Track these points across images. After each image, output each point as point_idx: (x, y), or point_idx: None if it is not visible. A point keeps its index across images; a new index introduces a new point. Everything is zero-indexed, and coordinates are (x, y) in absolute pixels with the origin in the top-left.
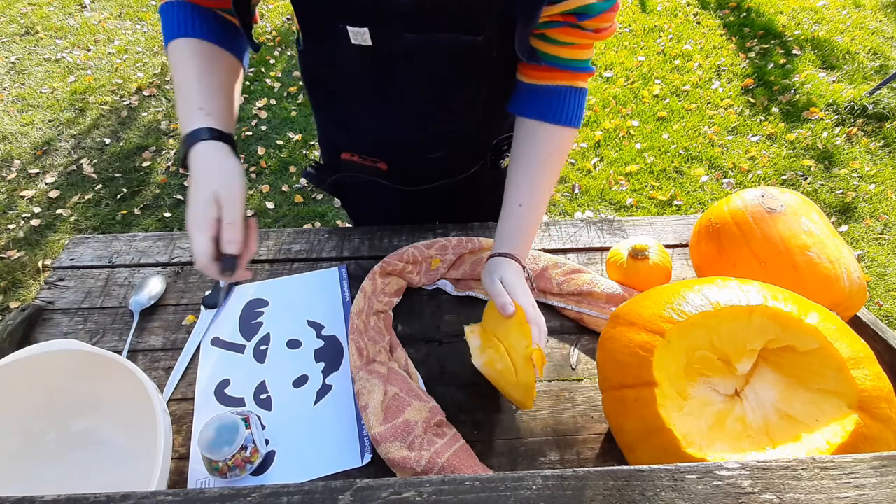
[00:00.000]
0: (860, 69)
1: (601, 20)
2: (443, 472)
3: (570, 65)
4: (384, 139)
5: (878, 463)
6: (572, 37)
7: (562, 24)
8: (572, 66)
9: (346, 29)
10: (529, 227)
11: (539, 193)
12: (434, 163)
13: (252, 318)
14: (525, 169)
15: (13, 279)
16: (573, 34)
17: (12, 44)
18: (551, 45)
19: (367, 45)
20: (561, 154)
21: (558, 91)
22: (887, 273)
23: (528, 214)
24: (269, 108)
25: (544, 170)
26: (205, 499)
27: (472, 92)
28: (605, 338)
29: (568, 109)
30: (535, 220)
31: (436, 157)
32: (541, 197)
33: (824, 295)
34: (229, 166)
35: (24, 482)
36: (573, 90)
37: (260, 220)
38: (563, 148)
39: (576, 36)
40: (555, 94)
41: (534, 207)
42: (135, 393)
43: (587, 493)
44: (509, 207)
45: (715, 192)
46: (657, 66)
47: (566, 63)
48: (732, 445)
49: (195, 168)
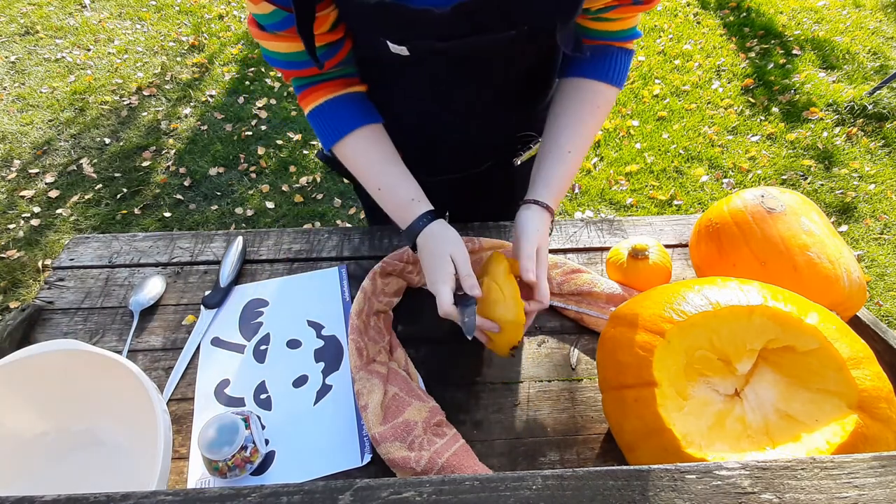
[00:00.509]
0: (860, 69)
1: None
2: (443, 471)
3: (618, 35)
4: (408, 128)
5: (877, 463)
6: (621, 13)
7: (615, 7)
8: (621, 36)
9: (385, 41)
10: (571, 175)
11: (585, 145)
12: (453, 154)
13: (252, 318)
14: (574, 120)
15: (13, 279)
16: (623, 11)
17: (12, 44)
18: (600, 23)
19: (405, 54)
20: (605, 109)
21: (606, 51)
22: (887, 273)
23: (573, 162)
24: (269, 107)
25: (592, 120)
26: (205, 499)
27: (504, 87)
28: (605, 338)
29: (616, 69)
30: (576, 169)
31: (457, 149)
32: (585, 148)
33: (824, 295)
34: (454, 235)
35: (24, 482)
36: (621, 51)
37: (260, 221)
38: (607, 104)
39: (623, 12)
40: (602, 54)
41: (578, 157)
42: (135, 393)
43: (587, 493)
44: (557, 153)
45: (715, 192)
46: (657, 66)
47: (615, 35)
48: (732, 445)
49: (429, 241)
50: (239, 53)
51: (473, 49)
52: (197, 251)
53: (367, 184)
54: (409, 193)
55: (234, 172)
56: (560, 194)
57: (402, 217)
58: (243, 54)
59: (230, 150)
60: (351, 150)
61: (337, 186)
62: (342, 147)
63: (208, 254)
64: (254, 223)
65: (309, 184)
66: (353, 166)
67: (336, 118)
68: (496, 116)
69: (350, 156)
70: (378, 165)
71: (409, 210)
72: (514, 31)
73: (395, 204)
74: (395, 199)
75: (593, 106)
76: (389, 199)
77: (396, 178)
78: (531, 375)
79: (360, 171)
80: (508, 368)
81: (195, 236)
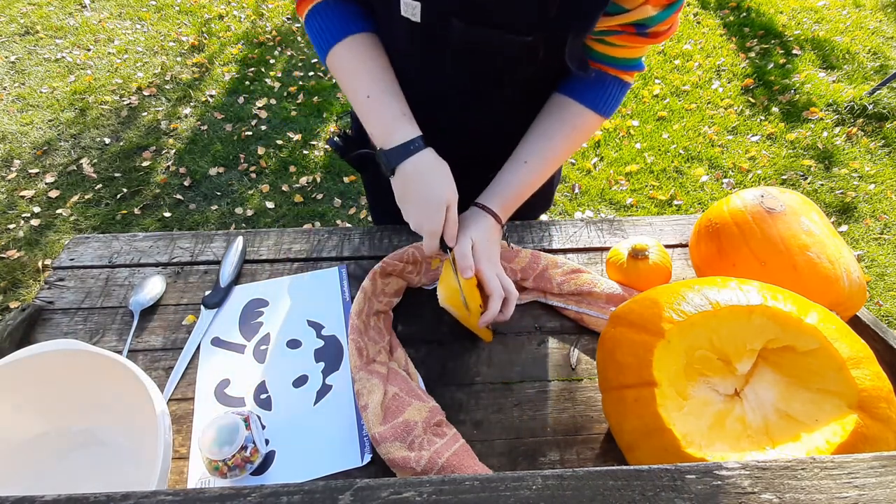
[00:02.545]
0: (860, 69)
1: (662, 25)
2: (443, 471)
3: (620, 63)
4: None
5: (878, 463)
6: (628, 42)
7: (619, 33)
8: (623, 64)
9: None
10: (525, 187)
11: (547, 161)
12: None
13: (252, 318)
14: (542, 135)
15: (13, 279)
16: (629, 39)
17: (12, 44)
18: (604, 46)
19: (416, 20)
20: (582, 136)
21: (603, 79)
22: (887, 273)
23: (528, 174)
24: (269, 107)
25: (561, 143)
26: (205, 499)
27: (507, 95)
28: (605, 338)
29: (606, 98)
30: (533, 182)
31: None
32: (547, 164)
33: (824, 295)
34: (447, 171)
35: (24, 482)
36: (618, 81)
37: (260, 221)
38: (586, 131)
39: (632, 41)
40: (598, 82)
41: (536, 170)
42: (135, 393)
43: (587, 494)
44: (513, 162)
45: (715, 192)
46: (657, 66)
47: (617, 62)
48: (732, 445)
49: (423, 176)
50: (239, 53)
51: (483, 44)
52: (197, 251)
53: (357, 91)
54: (401, 108)
55: (234, 172)
56: (511, 201)
57: (387, 132)
58: (243, 54)
59: (230, 150)
60: (346, 55)
61: (337, 186)
62: (336, 54)
63: (208, 254)
64: (254, 223)
65: (309, 184)
66: (345, 74)
67: (331, 23)
68: (488, 122)
69: (343, 63)
70: (371, 72)
71: (397, 126)
72: (530, 38)
73: (381, 115)
74: (383, 110)
75: (569, 127)
76: (376, 109)
77: (388, 86)
78: (531, 375)
79: (351, 77)
80: (508, 368)
81: (195, 236)
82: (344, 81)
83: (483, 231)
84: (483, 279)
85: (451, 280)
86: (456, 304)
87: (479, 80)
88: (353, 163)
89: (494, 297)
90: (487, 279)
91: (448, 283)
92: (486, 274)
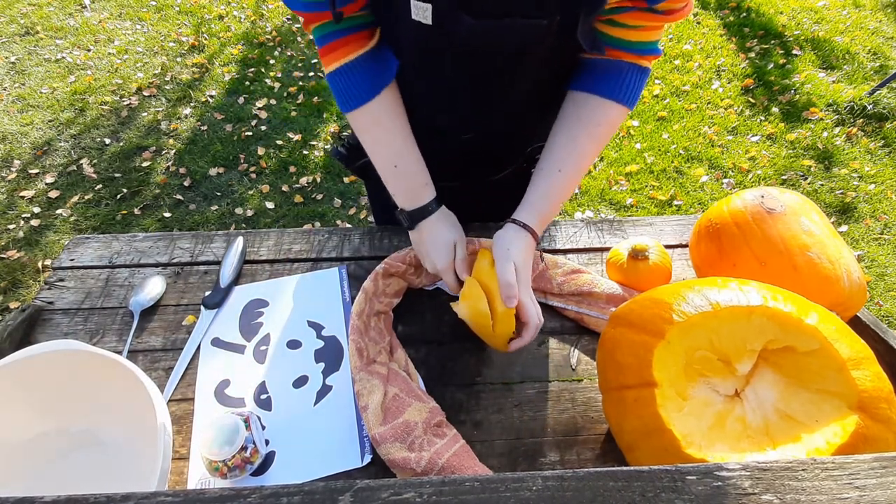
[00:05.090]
0: (860, 69)
1: (674, 1)
2: (443, 472)
3: (636, 47)
4: (426, 127)
5: (878, 464)
6: (641, 20)
7: (631, 9)
8: (638, 48)
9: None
10: (560, 196)
11: (579, 165)
12: (469, 160)
13: (252, 319)
14: (570, 135)
15: (13, 279)
16: (643, 17)
17: (12, 44)
18: (618, 29)
19: (427, 23)
20: (610, 130)
21: (619, 67)
22: (887, 273)
23: (563, 182)
24: (269, 107)
25: (590, 141)
26: (205, 499)
27: (507, 96)
28: (605, 338)
29: (626, 87)
30: (569, 190)
31: (473, 155)
32: (580, 167)
33: (824, 295)
34: (454, 220)
35: (24, 482)
36: (636, 68)
37: (260, 221)
38: (612, 124)
39: (645, 19)
40: (615, 70)
41: (571, 177)
42: (135, 393)
43: (587, 494)
44: (547, 171)
45: (715, 192)
46: (657, 66)
47: (632, 46)
48: (732, 446)
49: (435, 226)
50: (239, 54)
51: (496, 37)
52: (197, 251)
53: (383, 157)
54: (424, 178)
55: (234, 173)
56: (546, 214)
57: (411, 198)
58: (243, 54)
59: (230, 150)
60: (369, 119)
61: (337, 187)
62: (359, 115)
63: (208, 254)
64: (254, 223)
65: (309, 184)
66: (368, 137)
67: (354, 84)
68: (488, 123)
69: (368, 126)
70: (397, 143)
71: (420, 193)
72: (545, 21)
73: (407, 185)
74: (409, 181)
75: (593, 125)
76: (402, 180)
77: (413, 158)
78: (531, 376)
79: (377, 145)
80: (508, 369)
81: (195, 236)
82: (367, 143)
83: (522, 253)
84: (521, 308)
85: (478, 304)
86: (481, 328)
87: (479, 81)
88: (356, 172)
89: (531, 328)
90: (526, 308)
91: (475, 306)
92: (524, 302)
